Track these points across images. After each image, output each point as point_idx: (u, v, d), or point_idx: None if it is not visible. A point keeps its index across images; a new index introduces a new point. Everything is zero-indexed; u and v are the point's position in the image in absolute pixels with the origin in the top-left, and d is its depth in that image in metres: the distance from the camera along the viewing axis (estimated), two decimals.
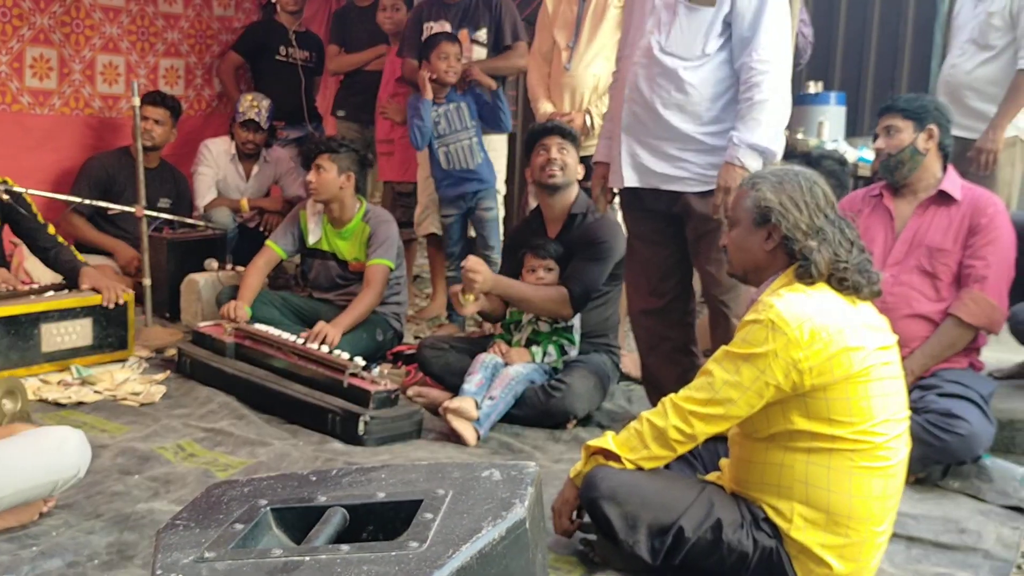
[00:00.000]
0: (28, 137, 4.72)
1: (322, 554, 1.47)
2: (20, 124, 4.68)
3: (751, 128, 2.72)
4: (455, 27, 4.51)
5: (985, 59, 4.00)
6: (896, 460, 2.03)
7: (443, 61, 4.27)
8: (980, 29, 4.01)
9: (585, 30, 4.05)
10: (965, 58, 4.06)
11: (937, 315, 2.93)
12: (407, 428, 3.11)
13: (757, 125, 2.71)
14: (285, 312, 4.02)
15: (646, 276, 3.10)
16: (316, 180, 3.92)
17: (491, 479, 1.70)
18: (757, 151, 2.71)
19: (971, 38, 4.05)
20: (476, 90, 4.36)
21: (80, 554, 2.18)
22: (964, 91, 4.06)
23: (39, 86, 4.76)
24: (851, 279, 2.03)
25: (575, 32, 4.06)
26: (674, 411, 2.07)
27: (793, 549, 2.04)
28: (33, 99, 4.74)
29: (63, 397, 3.30)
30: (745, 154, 2.70)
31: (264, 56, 5.39)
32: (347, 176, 3.95)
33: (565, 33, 4.10)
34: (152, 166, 4.68)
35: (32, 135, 4.74)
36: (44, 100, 4.79)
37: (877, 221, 3.08)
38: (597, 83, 4.04)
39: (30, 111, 4.74)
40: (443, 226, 4.58)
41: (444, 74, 4.28)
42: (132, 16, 5.12)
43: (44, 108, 4.79)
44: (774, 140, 2.75)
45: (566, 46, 4.07)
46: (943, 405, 2.71)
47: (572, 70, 4.06)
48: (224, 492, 1.75)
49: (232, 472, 2.73)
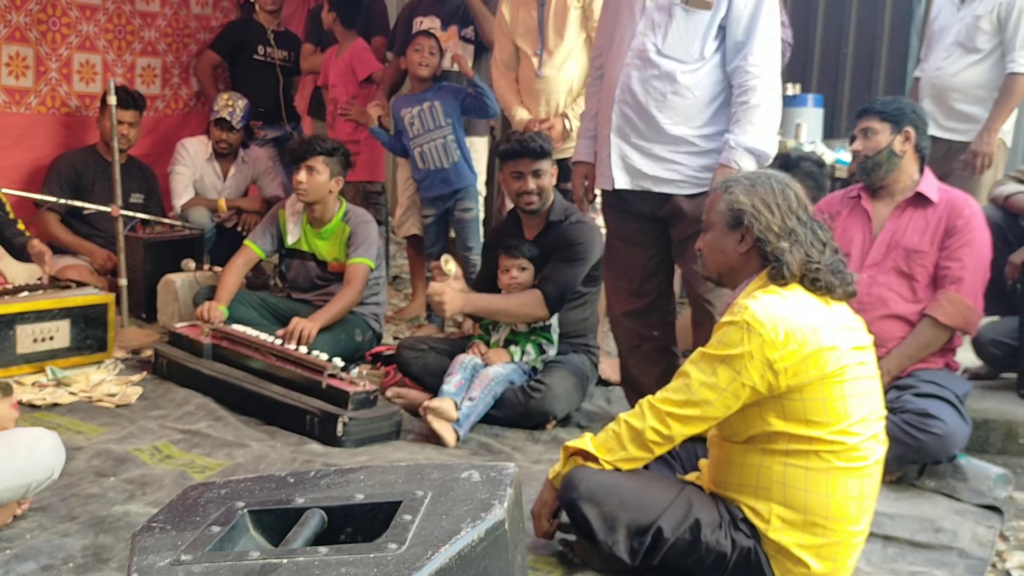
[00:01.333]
0: (4, 136, 4.66)
1: (300, 556, 1.46)
2: None
3: (746, 131, 2.75)
4: (445, 23, 4.51)
5: (972, 62, 4.04)
6: (872, 460, 2.04)
7: (416, 54, 4.28)
8: (967, 32, 4.04)
9: (550, 35, 4.03)
10: (951, 61, 4.09)
11: (914, 316, 2.96)
12: (386, 429, 3.10)
13: (752, 128, 2.75)
14: (263, 312, 3.99)
15: (628, 277, 3.11)
16: (307, 182, 3.87)
17: (470, 480, 1.70)
18: (753, 154, 2.74)
19: (957, 41, 4.08)
20: (454, 84, 4.36)
21: (55, 557, 2.16)
22: (950, 93, 4.09)
23: (15, 84, 4.70)
24: (824, 279, 2.05)
25: (539, 38, 4.05)
26: (651, 412, 2.07)
27: (771, 549, 2.05)
28: (9, 97, 4.69)
29: (38, 398, 3.26)
30: (741, 156, 2.73)
31: (242, 55, 5.36)
32: (336, 180, 3.93)
33: (529, 39, 4.08)
34: (121, 163, 4.65)
35: (8, 134, 4.68)
36: (20, 99, 4.73)
37: (855, 223, 3.10)
38: (571, 86, 4.03)
39: (6, 110, 4.68)
40: (423, 227, 4.58)
41: (417, 67, 4.29)
42: (109, 14, 5.07)
43: (20, 107, 4.74)
44: (768, 142, 2.79)
45: (534, 53, 4.05)
46: (919, 405, 2.73)
47: (544, 76, 4.04)
48: (201, 494, 1.74)
49: (209, 474, 2.71)
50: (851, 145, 3.11)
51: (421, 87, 4.37)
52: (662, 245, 3.04)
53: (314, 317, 3.66)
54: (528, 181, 3.45)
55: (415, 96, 4.39)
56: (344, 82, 4.88)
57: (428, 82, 4.37)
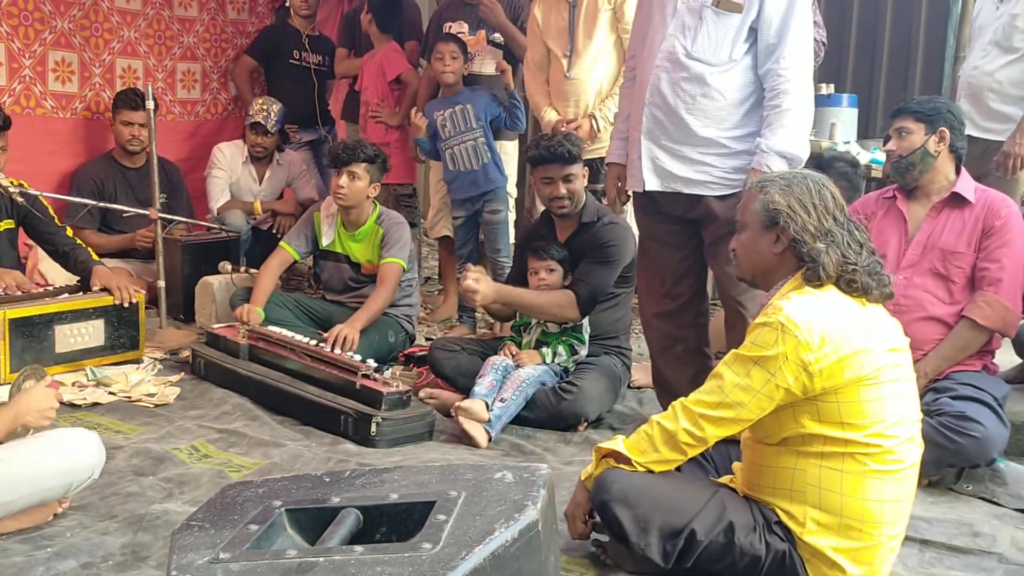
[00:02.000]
0: (51, 141, 4.75)
1: (336, 555, 1.48)
2: (44, 128, 4.72)
3: (778, 135, 2.73)
4: (473, 28, 4.53)
5: (1009, 61, 3.98)
6: (909, 463, 2.02)
7: (438, 62, 4.32)
8: (1004, 31, 3.98)
9: (580, 36, 4.05)
10: (988, 60, 4.04)
11: (951, 318, 2.92)
12: (419, 430, 3.12)
13: (784, 131, 2.74)
14: (298, 314, 4.03)
15: (660, 278, 3.10)
16: (348, 187, 3.89)
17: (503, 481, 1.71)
18: (784, 157, 2.72)
19: (994, 40, 4.02)
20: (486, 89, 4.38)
21: (94, 555, 2.19)
22: (986, 93, 4.04)
23: (61, 90, 4.79)
24: (860, 281, 2.03)
25: (569, 39, 4.06)
26: (684, 414, 2.07)
27: (806, 553, 2.04)
28: (56, 103, 4.77)
29: (78, 398, 3.32)
30: (773, 160, 2.72)
31: (277, 60, 5.42)
32: (374, 186, 3.97)
33: (559, 41, 4.10)
34: (139, 166, 4.73)
35: (55, 139, 4.77)
36: (67, 104, 4.82)
37: (890, 224, 3.07)
38: (600, 87, 4.04)
39: (53, 115, 4.77)
40: (453, 228, 4.60)
41: (440, 74, 4.33)
42: (148, 20, 5.15)
43: (67, 112, 4.82)
44: (801, 146, 2.77)
45: (563, 54, 4.07)
46: (957, 408, 2.70)
47: (573, 77, 4.06)
48: (239, 493, 1.76)
49: (246, 473, 2.75)
50: (885, 145, 3.08)
51: (452, 90, 4.41)
52: (694, 246, 3.03)
53: (352, 322, 3.68)
54: (559, 186, 3.45)
55: (448, 99, 4.42)
56: (375, 84, 4.91)
57: (459, 85, 4.40)
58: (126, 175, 4.75)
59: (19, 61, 4.56)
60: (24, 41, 4.57)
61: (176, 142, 5.31)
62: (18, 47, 4.55)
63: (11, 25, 4.50)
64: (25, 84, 4.61)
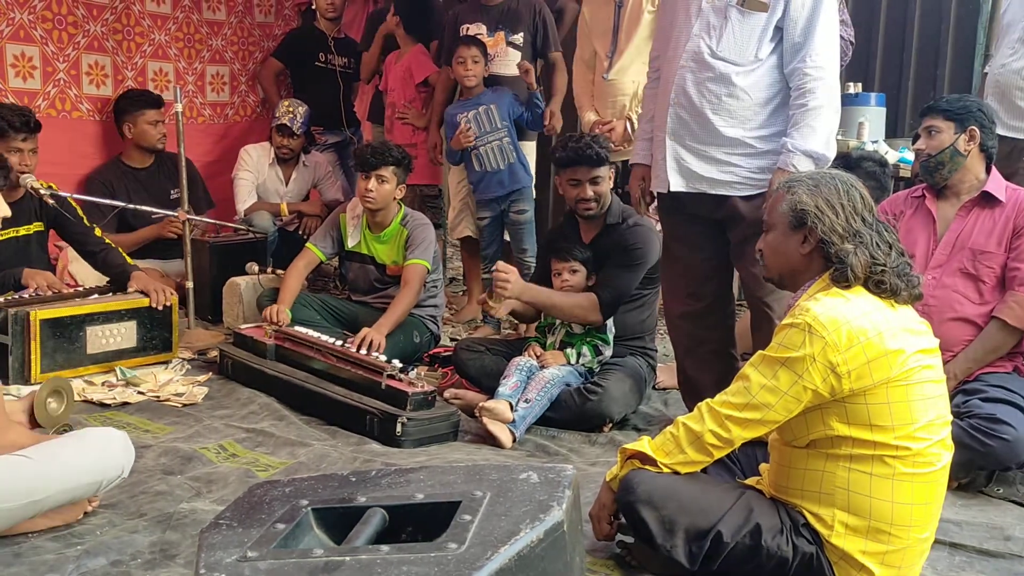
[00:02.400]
0: (86, 143, 4.81)
1: (363, 554, 1.49)
2: (80, 131, 4.78)
3: (805, 135, 2.71)
4: (492, 29, 4.53)
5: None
6: (939, 466, 2.00)
7: (460, 66, 4.33)
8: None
9: (623, 38, 4.06)
10: (1016, 57, 3.99)
11: (981, 318, 2.89)
12: (444, 430, 3.12)
13: (812, 131, 2.71)
14: (324, 314, 4.06)
15: (685, 279, 3.09)
16: (377, 191, 3.91)
17: (529, 481, 1.71)
18: (811, 157, 2.70)
19: (1021, 37, 3.98)
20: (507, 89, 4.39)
21: (124, 553, 2.22)
22: (1014, 91, 3.99)
23: (96, 93, 4.85)
24: (889, 282, 2.01)
25: (613, 40, 4.06)
26: (710, 416, 2.06)
27: (834, 555, 2.02)
28: (92, 106, 4.83)
29: (108, 398, 3.36)
30: (799, 160, 2.69)
31: (304, 62, 5.46)
32: (400, 188, 3.99)
33: (603, 42, 4.11)
34: (147, 165, 4.76)
35: (90, 141, 4.83)
36: (102, 107, 4.87)
37: (919, 223, 3.04)
38: (636, 89, 4.04)
39: (89, 118, 4.82)
40: (478, 228, 4.61)
41: (462, 79, 4.34)
42: (178, 23, 5.20)
43: (102, 115, 4.88)
44: (828, 146, 2.75)
45: (606, 55, 4.07)
46: (987, 410, 2.67)
47: (611, 78, 4.07)
48: (266, 492, 1.78)
49: (273, 472, 2.76)
50: (914, 144, 3.05)
51: (473, 92, 4.41)
52: (719, 247, 3.01)
53: (379, 326, 3.69)
54: (586, 188, 3.45)
55: (470, 100, 4.43)
56: (402, 86, 4.94)
57: (480, 87, 4.41)
58: (136, 175, 4.79)
59: (53, 65, 4.62)
60: (58, 45, 4.63)
61: (207, 145, 5.37)
62: (52, 51, 4.61)
63: (45, 29, 4.56)
64: (60, 87, 4.67)
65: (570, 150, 3.47)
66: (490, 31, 4.53)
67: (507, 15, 4.55)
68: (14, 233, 3.84)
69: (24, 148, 3.72)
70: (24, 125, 3.71)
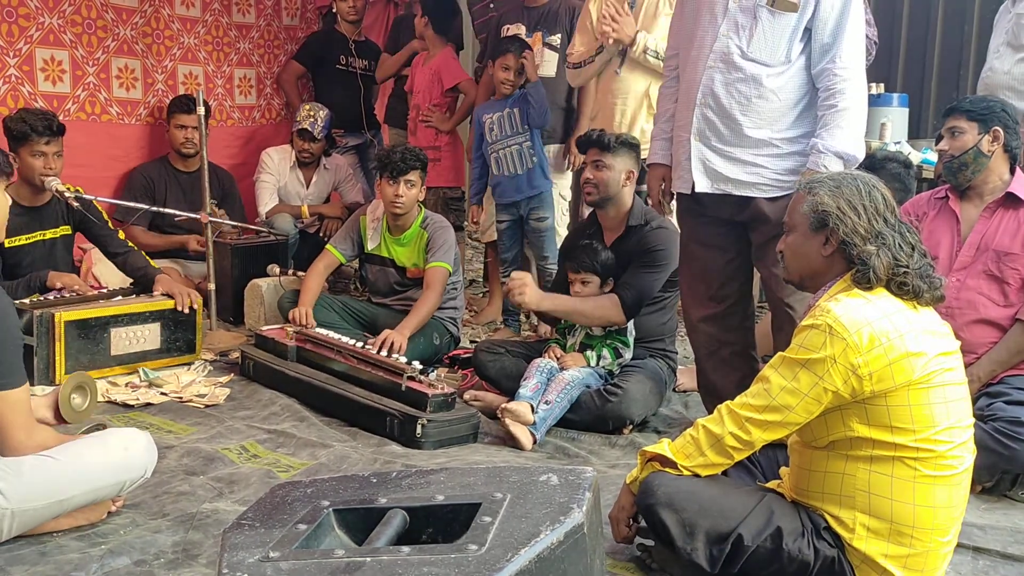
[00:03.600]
0: (117, 147, 4.85)
1: (384, 555, 1.49)
2: (110, 134, 4.82)
3: (835, 135, 2.70)
4: (531, 30, 4.55)
5: (1019, 59, 3.93)
6: (961, 469, 1.98)
7: (502, 72, 4.32)
8: (1014, 30, 3.95)
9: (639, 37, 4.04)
10: (1001, 60, 4.00)
11: (1005, 320, 2.87)
12: (464, 431, 3.13)
13: (841, 131, 2.70)
14: (344, 316, 4.08)
15: (705, 281, 3.08)
16: (406, 196, 3.93)
17: (549, 483, 1.71)
18: (841, 158, 2.69)
19: (1006, 40, 3.99)
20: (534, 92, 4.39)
21: (147, 552, 2.24)
22: (1003, 92, 3.97)
23: (126, 96, 4.89)
24: (911, 284, 2.00)
25: None
26: (731, 418, 2.05)
27: (855, 559, 2.01)
28: (122, 109, 4.87)
29: (131, 399, 3.39)
30: (830, 161, 2.68)
31: (325, 65, 5.48)
32: (423, 190, 4.01)
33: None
34: (192, 170, 4.79)
35: (121, 145, 4.87)
36: (132, 110, 4.92)
37: (942, 224, 3.02)
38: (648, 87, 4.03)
39: (119, 121, 4.87)
40: (497, 232, 4.61)
41: (500, 84, 4.34)
42: (207, 27, 5.24)
43: (132, 118, 4.92)
44: (857, 146, 2.73)
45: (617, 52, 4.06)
46: (1011, 413, 2.65)
47: (624, 75, 4.06)
48: (288, 493, 1.79)
49: (294, 473, 2.78)
50: (937, 144, 3.03)
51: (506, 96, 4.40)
52: (741, 248, 3.00)
53: (401, 328, 3.69)
54: (587, 170, 3.47)
55: (498, 102, 4.43)
56: (428, 89, 4.94)
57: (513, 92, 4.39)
58: (179, 179, 4.84)
59: (83, 68, 4.67)
60: (88, 49, 4.67)
61: (234, 147, 5.42)
62: (82, 55, 4.65)
63: (75, 33, 4.61)
64: (89, 91, 4.71)
65: (587, 134, 3.56)
66: (529, 31, 4.55)
67: (547, 16, 4.57)
68: (40, 236, 3.89)
69: (48, 152, 3.75)
70: (47, 129, 3.74)
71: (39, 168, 3.73)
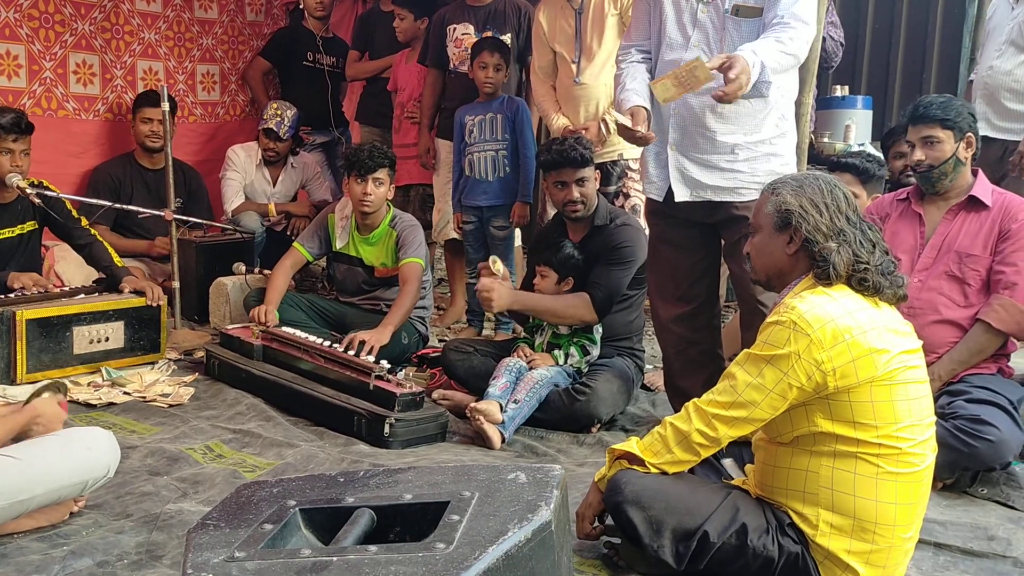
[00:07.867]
0: (74, 143, 4.79)
1: (350, 554, 1.49)
2: (66, 130, 4.75)
3: (769, 46, 2.65)
4: (479, 30, 4.52)
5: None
6: (923, 466, 2.01)
7: (482, 71, 4.27)
8: (1019, 30, 3.97)
9: (589, 42, 4.04)
10: (1003, 60, 4.03)
11: (966, 321, 2.90)
12: (432, 431, 3.12)
13: (772, 51, 2.64)
14: (311, 315, 4.05)
15: (674, 281, 3.10)
16: (375, 194, 3.90)
17: (517, 482, 1.71)
18: (759, 65, 2.61)
19: (1010, 40, 4.02)
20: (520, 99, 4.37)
21: (110, 554, 2.21)
22: (1003, 92, 4.03)
23: (83, 92, 4.83)
24: (872, 280, 2.02)
25: (577, 44, 4.06)
26: (697, 415, 2.07)
27: (819, 555, 2.03)
28: (79, 104, 4.81)
29: (93, 398, 3.34)
30: (749, 55, 2.60)
31: (291, 62, 5.45)
32: (391, 188, 3.99)
33: (568, 47, 4.09)
34: (158, 167, 4.73)
35: (78, 141, 4.81)
36: (89, 106, 4.85)
37: (905, 226, 3.06)
38: (609, 92, 4.03)
39: (76, 116, 4.80)
40: (463, 232, 4.59)
41: (482, 84, 4.28)
42: (169, 22, 5.18)
43: (89, 114, 4.86)
44: (777, 69, 2.69)
45: (572, 60, 4.07)
46: (972, 411, 2.68)
47: (584, 82, 4.06)
48: (254, 492, 1.77)
49: (260, 473, 2.76)
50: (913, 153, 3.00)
51: (489, 97, 4.36)
52: (710, 248, 3.02)
53: (383, 326, 3.66)
54: (572, 190, 3.46)
55: (482, 104, 4.38)
56: (414, 87, 4.91)
57: (497, 93, 4.34)
58: (144, 176, 4.78)
59: (40, 63, 4.60)
60: (45, 43, 4.60)
61: (197, 144, 5.36)
62: (39, 49, 4.58)
63: (32, 28, 4.54)
64: (46, 86, 4.65)
65: (554, 152, 3.48)
66: (477, 31, 4.52)
67: (494, 16, 4.54)
68: (9, 233, 3.83)
69: (15, 149, 3.70)
70: (14, 126, 3.69)
71: (5, 166, 3.68)
